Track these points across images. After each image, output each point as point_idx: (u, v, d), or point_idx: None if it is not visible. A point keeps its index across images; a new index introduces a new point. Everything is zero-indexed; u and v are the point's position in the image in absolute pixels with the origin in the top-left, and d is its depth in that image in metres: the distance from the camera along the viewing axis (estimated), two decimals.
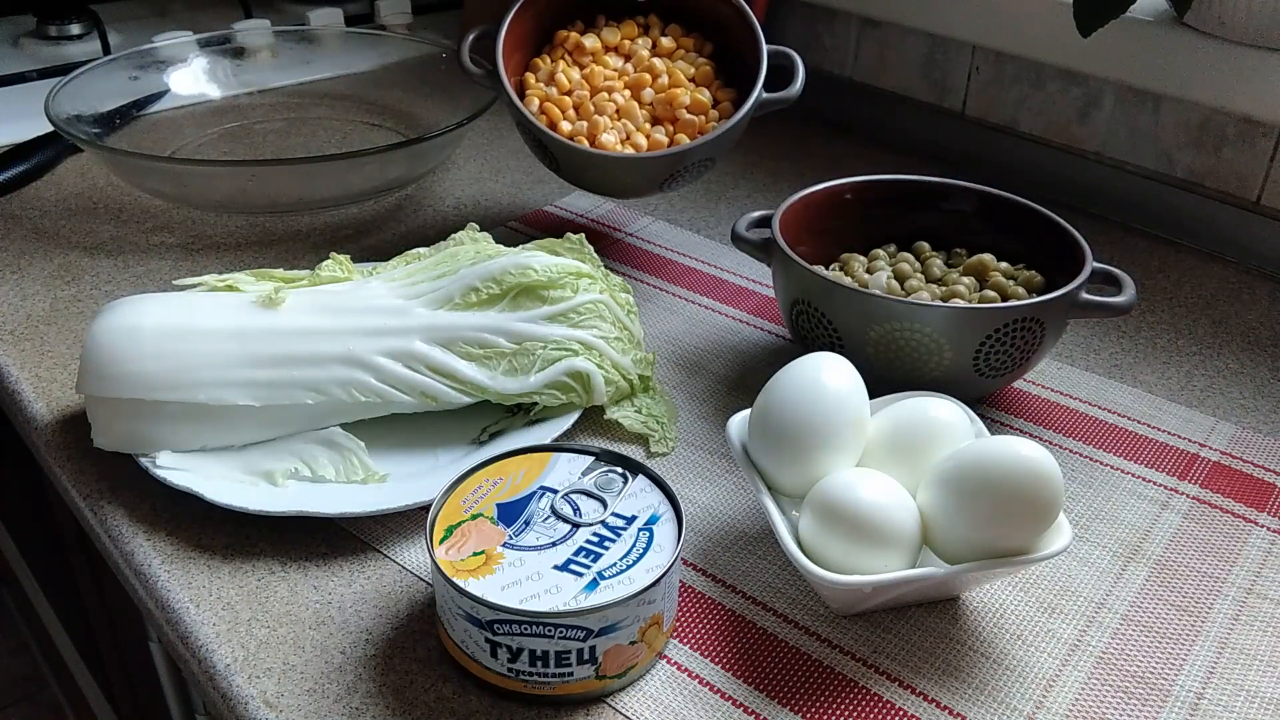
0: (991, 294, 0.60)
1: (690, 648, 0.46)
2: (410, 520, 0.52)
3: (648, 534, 0.44)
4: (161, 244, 0.77)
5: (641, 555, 0.43)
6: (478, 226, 0.63)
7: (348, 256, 0.60)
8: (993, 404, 0.63)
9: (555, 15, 0.73)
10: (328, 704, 0.43)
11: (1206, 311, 0.74)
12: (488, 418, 0.58)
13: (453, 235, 0.62)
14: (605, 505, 0.45)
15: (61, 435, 0.57)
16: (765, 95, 0.68)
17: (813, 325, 0.58)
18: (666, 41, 0.72)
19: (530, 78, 0.71)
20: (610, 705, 0.43)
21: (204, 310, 0.54)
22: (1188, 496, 0.56)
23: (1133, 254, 0.81)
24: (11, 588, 1.45)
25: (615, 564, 0.42)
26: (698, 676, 0.45)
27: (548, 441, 0.52)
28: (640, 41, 0.72)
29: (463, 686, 0.44)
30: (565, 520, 0.44)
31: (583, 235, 0.61)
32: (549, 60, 0.72)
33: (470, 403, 0.55)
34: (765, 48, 0.69)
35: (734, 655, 0.46)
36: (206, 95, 0.97)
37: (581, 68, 0.71)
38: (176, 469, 0.52)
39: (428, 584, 0.49)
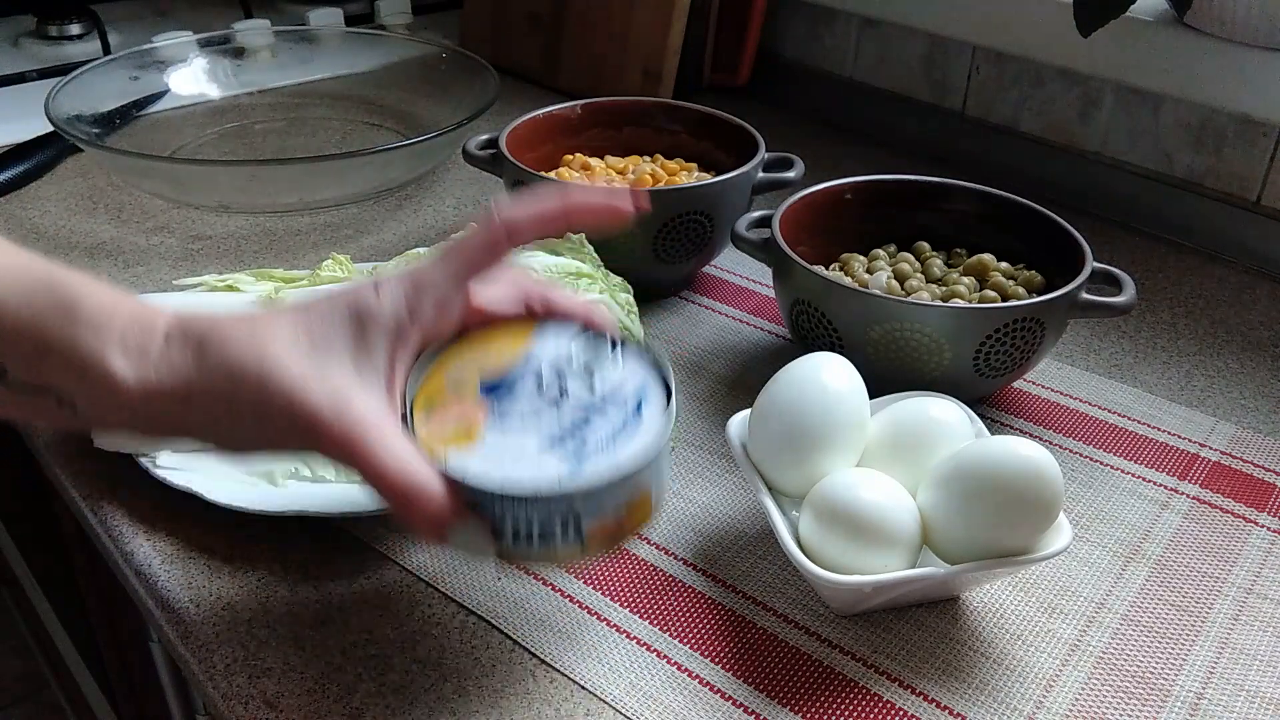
0: (991, 294, 0.60)
1: (690, 648, 0.46)
2: None
3: (636, 407, 0.41)
4: (161, 244, 0.77)
5: (629, 429, 0.40)
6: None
7: (348, 256, 0.60)
8: (993, 404, 0.63)
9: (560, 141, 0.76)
10: (328, 704, 0.43)
11: (1206, 311, 0.74)
12: None
13: (453, 235, 0.62)
14: (592, 377, 0.42)
15: (61, 435, 0.57)
16: (759, 176, 0.70)
17: (813, 325, 0.58)
18: (672, 165, 0.73)
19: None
20: (610, 705, 0.44)
21: (204, 310, 0.54)
22: (1188, 496, 0.56)
23: (1133, 254, 0.81)
24: (11, 588, 1.45)
25: (602, 441, 0.40)
26: (698, 676, 0.45)
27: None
28: (644, 161, 0.74)
29: (462, 687, 0.44)
30: (550, 396, 0.42)
31: (583, 235, 0.61)
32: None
33: None
34: (763, 145, 0.71)
35: (734, 655, 0.46)
36: (206, 95, 0.97)
37: (585, 170, 0.73)
38: (176, 469, 0.52)
39: (428, 584, 0.49)
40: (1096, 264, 0.59)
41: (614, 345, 0.44)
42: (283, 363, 0.37)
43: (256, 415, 0.37)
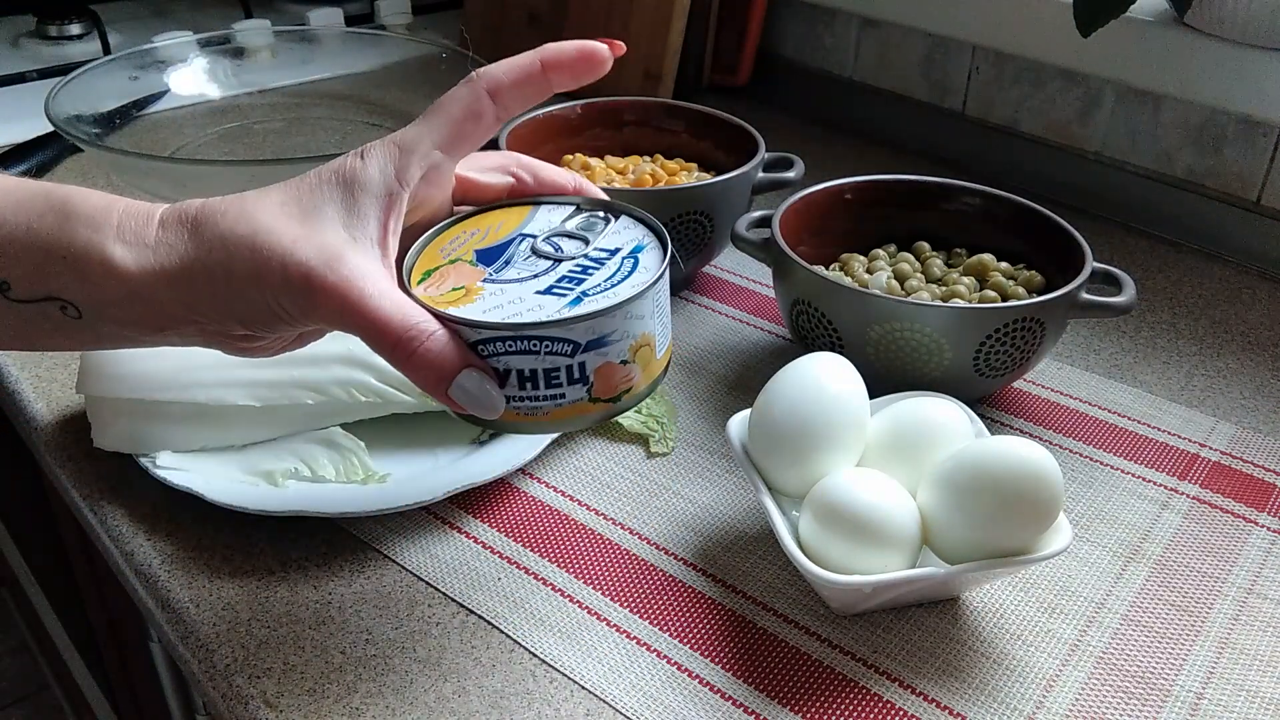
0: (991, 294, 0.60)
1: (690, 648, 0.46)
2: (410, 520, 0.52)
3: (632, 260, 0.42)
4: None
5: (627, 276, 0.41)
6: None
7: None
8: (993, 404, 0.63)
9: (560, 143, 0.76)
10: (328, 704, 0.43)
11: (1206, 311, 0.74)
12: None
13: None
14: (588, 243, 0.43)
15: (61, 435, 0.57)
16: (759, 176, 0.70)
17: (813, 325, 0.58)
18: (672, 165, 0.73)
19: None
20: (610, 705, 0.44)
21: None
22: (1188, 496, 0.56)
23: (1133, 254, 0.81)
24: (11, 588, 1.45)
25: (600, 284, 0.40)
26: (698, 676, 0.45)
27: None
28: (644, 161, 0.74)
29: (462, 687, 0.44)
30: (546, 258, 0.42)
31: None
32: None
33: None
34: (763, 145, 0.70)
35: (734, 655, 0.46)
36: (206, 95, 0.97)
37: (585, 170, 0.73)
38: (176, 469, 0.52)
39: (428, 584, 0.49)
40: (1096, 264, 0.59)
41: (607, 215, 0.44)
42: (275, 229, 0.38)
43: (253, 282, 0.38)
